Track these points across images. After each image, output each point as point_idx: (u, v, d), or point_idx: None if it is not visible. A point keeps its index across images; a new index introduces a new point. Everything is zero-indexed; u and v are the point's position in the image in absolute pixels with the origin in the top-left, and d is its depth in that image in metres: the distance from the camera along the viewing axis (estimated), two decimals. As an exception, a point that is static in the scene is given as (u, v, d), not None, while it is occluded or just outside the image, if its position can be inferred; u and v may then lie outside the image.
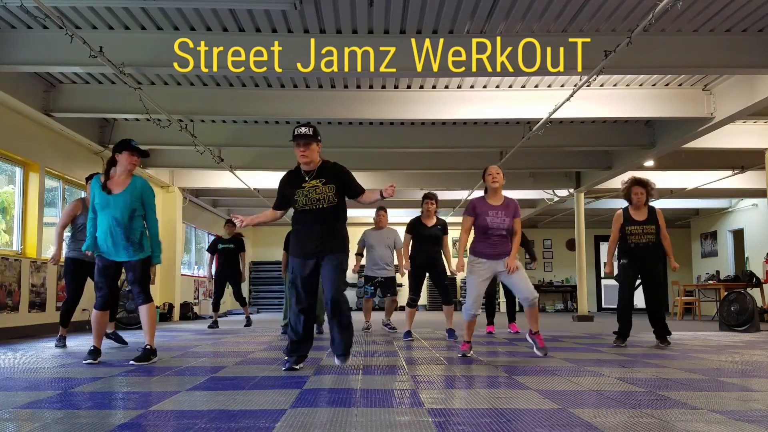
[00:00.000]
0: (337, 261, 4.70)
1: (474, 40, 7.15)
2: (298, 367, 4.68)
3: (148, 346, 5.21)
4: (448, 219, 17.87)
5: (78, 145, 10.17)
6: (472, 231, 5.68)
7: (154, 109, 8.30)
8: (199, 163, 11.77)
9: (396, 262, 8.79)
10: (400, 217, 17.40)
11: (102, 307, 5.25)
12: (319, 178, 4.73)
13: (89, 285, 6.57)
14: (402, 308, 11.63)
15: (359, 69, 7.28)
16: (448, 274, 7.60)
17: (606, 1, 6.43)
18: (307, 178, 4.75)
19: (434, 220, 7.70)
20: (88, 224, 5.21)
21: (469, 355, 5.58)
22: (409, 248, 7.72)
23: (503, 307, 21.23)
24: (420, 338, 7.92)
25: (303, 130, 4.67)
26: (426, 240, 7.59)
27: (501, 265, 5.55)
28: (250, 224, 5.13)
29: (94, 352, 5.26)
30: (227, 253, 10.63)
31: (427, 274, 7.68)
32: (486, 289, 5.70)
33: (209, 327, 10.48)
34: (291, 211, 5.02)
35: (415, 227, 7.69)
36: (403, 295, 11.05)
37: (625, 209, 6.97)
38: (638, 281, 6.99)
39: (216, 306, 10.82)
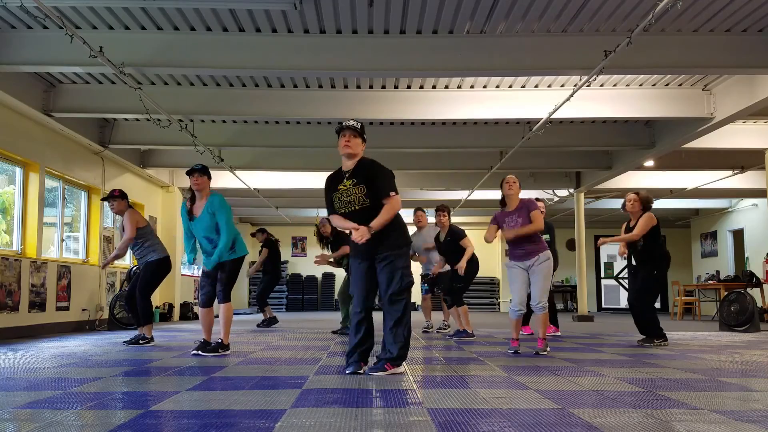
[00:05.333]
0: (389, 260, 4.48)
1: (474, 40, 7.16)
2: (361, 370, 4.46)
3: (220, 340, 5.91)
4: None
5: (78, 145, 10.17)
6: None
7: (154, 109, 8.30)
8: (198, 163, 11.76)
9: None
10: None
11: (204, 304, 5.90)
12: (351, 179, 4.52)
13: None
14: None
15: (359, 69, 7.28)
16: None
17: (606, 1, 6.43)
18: (343, 179, 4.55)
19: (446, 231, 8.09)
20: (185, 241, 6.09)
21: (520, 351, 6.04)
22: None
23: (503, 308, 21.28)
24: (420, 338, 7.92)
25: (350, 122, 4.60)
26: (446, 254, 8.11)
27: (529, 264, 5.92)
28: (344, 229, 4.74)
29: (203, 345, 5.88)
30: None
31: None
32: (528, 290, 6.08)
33: (262, 326, 10.59)
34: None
35: (435, 242, 8.26)
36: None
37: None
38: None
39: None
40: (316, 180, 14.12)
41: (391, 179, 4.53)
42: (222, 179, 13.72)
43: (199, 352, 5.79)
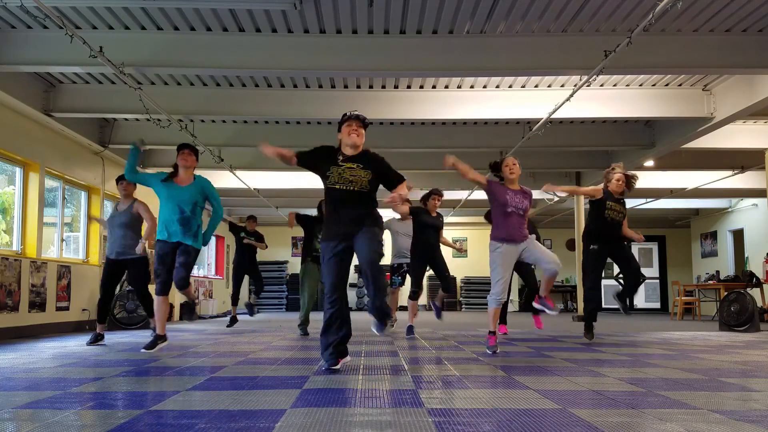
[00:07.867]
0: (372, 232, 4.53)
1: (473, 40, 7.16)
2: (338, 366, 4.52)
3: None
4: (449, 218, 17.88)
5: (78, 145, 10.17)
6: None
7: (154, 109, 8.30)
8: (199, 163, 11.73)
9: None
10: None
11: (163, 291, 5.71)
12: (357, 162, 4.58)
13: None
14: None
15: (359, 69, 7.29)
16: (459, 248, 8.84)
17: (606, 1, 6.44)
18: (344, 157, 4.60)
19: (435, 213, 8.02)
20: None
21: (497, 351, 5.75)
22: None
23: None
24: (420, 338, 7.92)
25: (357, 112, 4.67)
26: (428, 228, 7.79)
27: (522, 246, 5.72)
28: (273, 154, 4.73)
29: (158, 338, 5.79)
30: (249, 246, 10.59)
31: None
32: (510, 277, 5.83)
33: (228, 326, 10.35)
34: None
35: (418, 214, 7.83)
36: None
37: (605, 189, 7.02)
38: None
39: (235, 300, 10.80)
40: (316, 180, 14.06)
41: (394, 169, 4.74)
42: (222, 179, 13.72)
43: (158, 345, 5.73)
